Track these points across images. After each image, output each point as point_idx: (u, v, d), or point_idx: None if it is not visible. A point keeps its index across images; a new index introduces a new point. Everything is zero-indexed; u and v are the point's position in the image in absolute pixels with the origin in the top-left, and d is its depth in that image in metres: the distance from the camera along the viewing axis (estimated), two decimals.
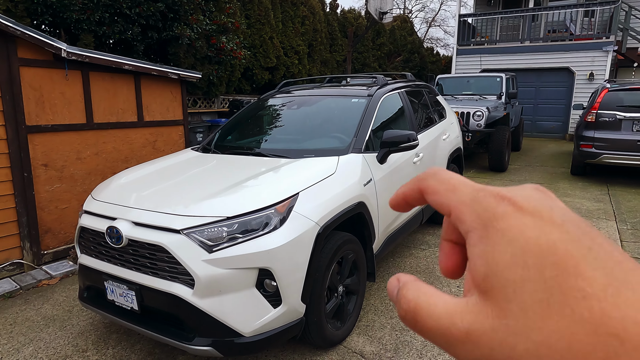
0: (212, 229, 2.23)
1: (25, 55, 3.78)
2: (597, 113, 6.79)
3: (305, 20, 11.52)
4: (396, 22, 17.00)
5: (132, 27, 6.41)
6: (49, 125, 4.00)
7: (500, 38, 13.96)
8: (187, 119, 5.37)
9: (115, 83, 4.53)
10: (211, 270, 2.16)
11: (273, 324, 2.29)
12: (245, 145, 3.63)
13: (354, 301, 2.94)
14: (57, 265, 4.03)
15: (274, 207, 2.34)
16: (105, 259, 2.51)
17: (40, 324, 3.14)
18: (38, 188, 3.97)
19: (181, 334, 2.29)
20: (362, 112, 3.38)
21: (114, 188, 2.79)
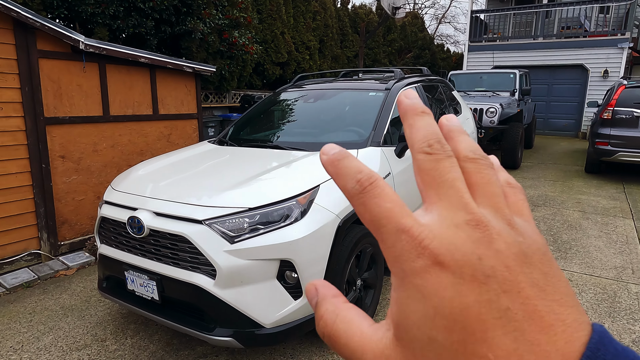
0: (233, 220, 2.23)
1: (44, 47, 3.80)
2: (613, 110, 6.69)
3: (317, 16, 11.48)
4: (407, 18, 16.89)
5: (146, 21, 6.43)
6: (66, 117, 4.02)
7: (512, 34, 13.81)
8: (201, 113, 5.37)
9: (131, 76, 4.54)
10: (233, 261, 2.16)
11: (293, 315, 2.28)
12: (262, 138, 3.63)
13: (372, 295, 2.93)
14: (74, 256, 4.07)
15: (296, 198, 2.33)
16: (126, 249, 2.52)
17: (59, 313, 3.17)
18: (55, 179, 4.00)
19: (201, 324, 2.29)
20: (380, 106, 3.36)
21: (133, 179, 2.80)
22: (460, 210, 0.23)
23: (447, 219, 0.23)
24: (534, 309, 0.21)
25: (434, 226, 0.23)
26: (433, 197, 0.24)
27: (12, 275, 3.67)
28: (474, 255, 0.22)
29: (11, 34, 3.57)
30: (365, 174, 0.25)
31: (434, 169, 0.24)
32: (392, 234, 0.23)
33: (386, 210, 0.24)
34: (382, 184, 0.25)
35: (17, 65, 3.63)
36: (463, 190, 0.24)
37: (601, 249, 4.21)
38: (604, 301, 3.22)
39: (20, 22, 3.57)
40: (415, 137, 0.26)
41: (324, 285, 0.28)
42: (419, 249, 0.22)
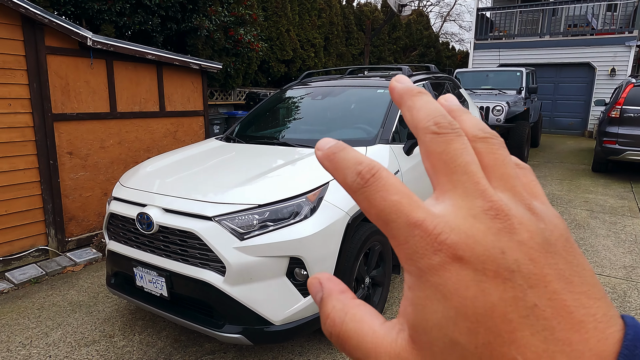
0: (243, 217, 2.22)
1: (52, 44, 3.80)
2: (621, 109, 6.64)
3: (322, 13, 11.45)
4: (412, 15, 16.82)
5: (152, 18, 6.43)
6: (74, 114, 4.03)
7: (518, 32, 13.73)
8: (207, 110, 5.37)
9: (138, 73, 4.54)
10: (242, 258, 2.16)
11: (302, 313, 2.27)
12: (269, 135, 3.62)
13: (380, 293, 2.91)
14: (81, 252, 4.08)
15: (305, 195, 2.32)
16: (135, 246, 2.51)
17: (67, 309, 3.18)
18: (63, 176, 4.01)
19: (210, 321, 2.29)
20: (388, 103, 3.34)
21: (142, 175, 2.80)
22: (477, 198, 0.21)
23: (463, 208, 0.21)
24: (562, 304, 0.20)
25: (450, 217, 0.21)
26: (446, 184, 0.22)
27: (20, 271, 3.68)
28: (496, 249, 0.20)
29: (19, 30, 3.58)
30: (366, 165, 0.23)
31: (445, 152, 0.22)
32: (403, 229, 0.21)
33: (394, 203, 0.22)
34: (386, 174, 0.23)
35: (25, 61, 3.64)
36: (479, 175, 0.22)
37: (610, 248, 4.18)
38: (613, 301, 3.20)
39: (29, 18, 3.57)
40: (419, 117, 0.24)
41: (330, 280, 0.26)
42: (435, 244, 0.20)
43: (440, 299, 0.20)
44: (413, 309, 0.21)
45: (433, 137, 0.23)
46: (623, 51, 11.68)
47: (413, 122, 0.24)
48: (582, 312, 0.20)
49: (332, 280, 0.26)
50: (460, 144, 0.23)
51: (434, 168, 0.23)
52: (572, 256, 0.21)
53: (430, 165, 0.23)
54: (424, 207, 0.22)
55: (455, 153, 0.22)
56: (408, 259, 0.21)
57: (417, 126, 0.24)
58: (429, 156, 0.23)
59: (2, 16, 3.46)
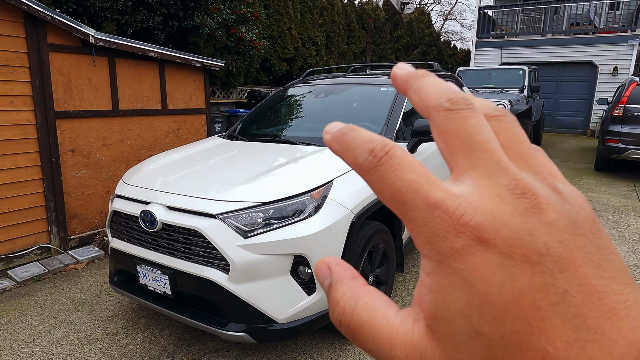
0: (247, 214, 2.21)
1: (55, 41, 3.79)
2: (624, 107, 6.62)
3: (324, 11, 11.43)
4: (414, 14, 16.79)
5: (154, 16, 6.41)
6: (76, 111, 4.02)
7: (521, 31, 13.70)
8: (210, 108, 5.36)
9: (140, 70, 4.53)
10: (246, 256, 2.15)
11: (307, 311, 2.26)
12: (272, 133, 3.61)
13: (383, 291, 2.90)
14: (83, 250, 4.07)
15: (309, 193, 2.31)
16: (138, 243, 2.51)
17: (69, 307, 3.17)
18: (65, 173, 4.00)
19: (214, 319, 2.28)
20: (392, 101, 3.32)
21: (145, 173, 2.78)
22: (501, 176, 0.20)
23: (487, 187, 0.20)
24: (593, 289, 0.18)
25: (473, 197, 0.19)
26: (464, 164, 0.21)
27: (23, 268, 3.68)
28: (524, 231, 0.19)
29: (22, 27, 3.56)
30: (379, 142, 0.21)
31: (461, 130, 0.21)
32: (422, 210, 0.20)
33: (410, 182, 0.20)
34: (400, 152, 0.21)
35: (27, 58, 3.63)
36: (500, 152, 0.20)
37: None
38: None
39: (31, 15, 3.56)
40: (428, 95, 0.22)
41: (339, 264, 0.24)
42: (457, 226, 0.19)
43: (464, 286, 0.19)
44: (433, 297, 0.20)
45: (447, 114, 0.21)
46: (626, 50, 11.64)
47: (423, 103, 0.22)
48: (613, 299, 0.18)
49: (342, 265, 0.24)
50: (477, 120, 0.21)
51: (449, 148, 0.21)
52: (599, 239, 0.20)
53: (445, 145, 0.21)
54: (444, 187, 0.20)
55: (473, 130, 0.21)
56: (427, 242, 0.20)
57: (427, 105, 0.22)
58: (444, 135, 0.21)
59: (5, 13, 3.45)
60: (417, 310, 0.21)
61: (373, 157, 0.21)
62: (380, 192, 0.21)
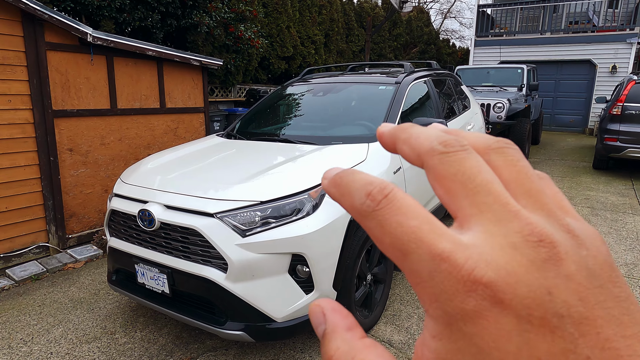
0: (245, 213, 2.21)
1: (52, 40, 3.78)
2: (623, 106, 6.63)
3: (322, 10, 11.41)
4: (413, 12, 16.77)
5: (152, 14, 6.40)
6: (74, 110, 4.01)
7: (519, 29, 13.69)
8: (208, 107, 5.35)
9: (138, 69, 4.52)
10: (244, 255, 2.15)
11: (305, 310, 2.27)
12: (271, 132, 3.61)
13: (381, 290, 2.91)
14: (82, 249, 4.07)
15: (307, 192, 2.31)
16: (136, 242, 2.51)
17: (68, 306, 3.17)
18: (63, 172, 4.00)
19: (213, 318, 2.28)
20: (390, 99, 3.33)
21: (143, 172, 2.78)
22: (512, 221, 0.18)
23: (498, 235, 0.18)
24: (615, 354, 0.16)
25: (483, 248, 0.17)
26: (468, 208, 0.19)
27: (21, 267, 3.68)
28: (542, 289, 0.17)
29: (19, 26, 3.56)
30: (377, 184, 0.20)
31: (459, 172, 0.19)
32: (426, 263, 0.18)
33: (412, 229, 0.18)
34: (401, 195, 0.19)
35: (25, 57, 3.62)
36: (505, 195, 0.19)
37: (611, 245, 4.18)
38: None
39: (29, 14, 3.55)
40: (419, 142, 0.21)
41: (335, 311, 0.22)
42: (468, 283, 0.17)
43: (476, 354, 0.17)
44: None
45: (441, 158, 0.20)
46: (624, 48, 11.65)
47: (415, 151, 0.21)
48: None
49: (338, 312, 0.22)
50: (474, 161, 0.20)
51: (449, 193, 0.20)
52: (618, 288, 0.18)
53: (445, 190, 0.20)
54: (451, 235, 0.18)
55: (472, 171, 0.19)
56: (433, 301, 0.18)
57: (420, 152, 0.21)
58: (442, 180, 0.20)
59: (2, 12, 3.44)
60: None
61: (371, 201, 0.19)
62: (380, 240, 0.19)
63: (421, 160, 0.21)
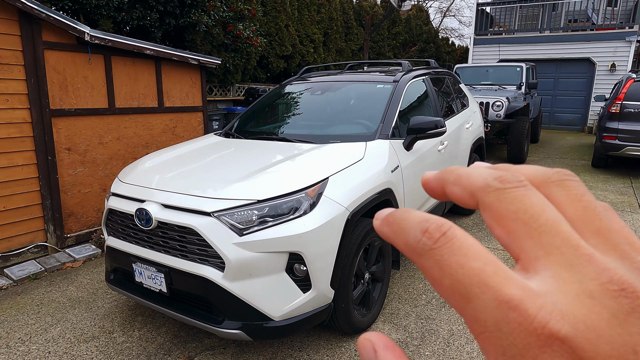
0: (242, 212, 2.21)
1: (50, 39, 3.77)
2: (622, 104, 6.62)
3: (321, 8, 11.40)
4: (412, 11, 16.74)
5: (150, 13, 6.39)
6: (72, 109, 4.01)
7: (518, 28, 13.68)
8: (206, 106, 5.35)
9: (136, 68, 4.52)
10: (242, 254, 2.15)
11: (302, 308, 2.27)
12: (269, 131, 3.60)
13: (379, 288, 2.91)
14: (80, 248, 4.07)
15: (305, 191, 2.31)
16: (134, 241, 2.51)
17: (66, 305, 3.17)
18: (61, 172, 3.99)
19: (210, 317, 2.29)
20: (388, 98, 3.32)
21: (141, 171, 2.78)
22: (585, 266, 0.16)
23: (572, 283, 0.16)
24: None
25: (556, 296, 0.16)
26: (534, 250, 0.17)
27: (19, 267, 3.68)
28: (627, 347, 0.15)
29: (17, 25, 3.55)
30: (434, 221, 0.18)
31: (521, 210, 0.18)
32: (492, 311, 0.16)
33: (475, 272, 0.17)
34: (461, 233, 0.18)
35: (22, 56, 3.61)
36: (575, 235, 0.17)
37: None
38: None
39: (26, 13, 3.54)
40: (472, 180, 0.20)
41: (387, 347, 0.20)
42: (542, 337, 0.15)
43: None
44: None
45: (499, 195, 0.18)
46: (623, 46, 11.64)
47: (467, 190, 0.20)
48: None
49: (391, 350, 0.20)
50: (536, 197, 0.18)
51: (510, 233, 0.18)
52: None
53: (505, 231, 0.18)
54: (518, 280, 0.16)
55: (535, 210, 0.18)
56: (500, 354, 0.16)
57: (473, 190, 0.19)
58: (501, 219, 0.18)
59: None
60: None
61: (427, 239, 0.18)
62: (438, 282, 0.18)
63: (475, 200, 0.19)
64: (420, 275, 3.53)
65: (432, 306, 3.07)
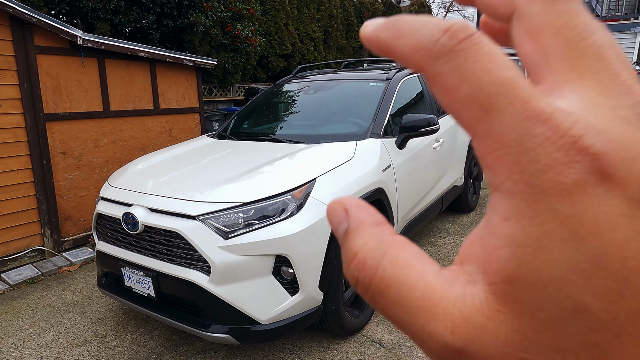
0: (227, 215, 2.19)
1: (42, 43, 3.78)
2: None
3: (321, 6, 11.35)
4: (414, 7, 16.63)
5: (148, 15, 6.39)
6: (66, 113, 4.01)
7: None
8: (203, 107, 5.34)
9: (131, 71, 4.51)
10: (227, 257, 2.13)
11: (290, 311, 2.24)
12: (261, 131, 3.58)
13: None
14: (77, 252, 4.08)
15: (291, 192, 2.28)
16: (122, 246, 2.50)
17: (60, 309, 3.18)
18: (57, 176, 4.00)
19: (198, 321, 2.27)
20: (380, 96, 3.28)
21: (130, 174, 2.77)
22: (624, 94, 0.15)
23: (605, 106, 0.15)
24: None
25: (589, 116, 0.14)
26: (566, 73, 0.15)
27: (16, 271, 3.69)
28: None
29: (8, 30, 3.55)
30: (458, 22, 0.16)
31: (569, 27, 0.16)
32: (517, 124, 0.14)
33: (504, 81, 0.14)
34: (488, 40, 0.15)
35: (15, 61, 3.62)
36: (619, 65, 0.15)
37: None
38: None
39: (17, 18, 3.55)
40: None
41: (360, 207, 0.18)
42: (571, 151, 0.14)
43: (569, 240, 0.13)
44: (513, 252, 0.14)
45: (548, 4, 0.16)
46: (628, 38, 11.47)
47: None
48: None
49: (364, 208, 0.18)
50: (588, 18, 0.16)
51: (544, 50, 0.16)
52: None
53: (538, 47, 0.16)
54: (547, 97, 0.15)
55: (586, 28, 0.16)
56: (517, 171, 0.14)
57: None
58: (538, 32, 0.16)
59: None
60: (470, 269, 0.15)
61: (449, 38, 0.15)
62: (453, 91, 0.15)
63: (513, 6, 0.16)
64: None
65: None
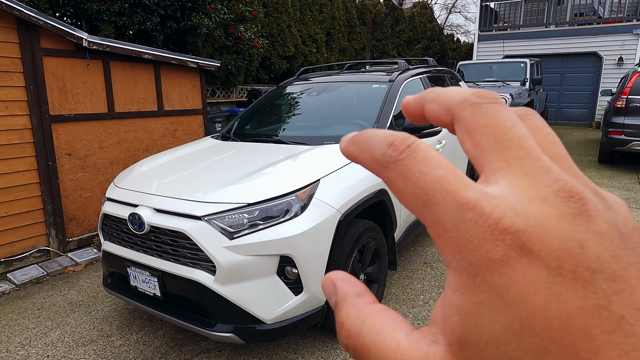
0: (232, 216, 2.21)
1: (48, 45, 3.82)
2: (627, 98, 6.52)
3: (323, 8, 11.38)
4: (415, 8, 16.67)
5: (151, 17, 6.43)
6: (72, 115, 4.05)
7: (523, 23, 13.54)
8: (207, 108, 5.37)
9: (135, 72, 4.55)
10: (232, 257, 2.15)
11: (294, 311, 2.27)
12: (264, 133, 3.61)
13: (375, 290, 2.90)
14: (82, 252, 4.11)
15: (295, 193, 2.30)
16: (128, 246, 2.53)
17: (66, 309, 3.21)
18: (62, 177, 4.04)
19: (203, 320, 2.29)
20: (383, 98, 3.31)
21: (135, 175, 2.80)
22: (543, 175, 0.17)
23: (527, 188, 0.17)
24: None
25: (511, 198, 0.17)
26: (497, 162, 0.18)
27: (22, 271, 3.73)
28: (573, 242, 0.16)
29: (15, 33, 3.59)
30: (399, 135, 0.19)
31: (492, 125, 0.19)
32: (451, 213, 0.17)
33: (437, 179, 0.18)
34: (425, 146, 0.19)
35: (21, 63, 3.66)
36: (538, 150, 0.18)
37: None
38: None
39: (24, 21, 3.59)
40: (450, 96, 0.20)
41: (345, 280, 0.22)
42: (495, 231, 0.16)
43: (501, 307, 0.16)
44: (461, 319, 0.17)
45: (474, 109, 0.19)
46: (631, 39, 11.46)
47: (444, 106, 0.20)
48: None
49: (347, 281, 0.22)
50: (509, 114, 0.19)
51: (479, 146, 0.19)
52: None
53: (474, 144, 0.19)
54: (476, 186, 0.18)
55: (506, 124, 0.19)
56: (457, 252, 0.17)
57: (450, 105, 0.20)
58: (472, 132, 0.19)
59: None
60: (434, 331, 0.18)
61: (393, 151, 0.19)
62: (402, 191, 0.19)
63: (451, 115, 0.20)
64: (419, 276, 3.51)
65: (429, 307, 3.05)
